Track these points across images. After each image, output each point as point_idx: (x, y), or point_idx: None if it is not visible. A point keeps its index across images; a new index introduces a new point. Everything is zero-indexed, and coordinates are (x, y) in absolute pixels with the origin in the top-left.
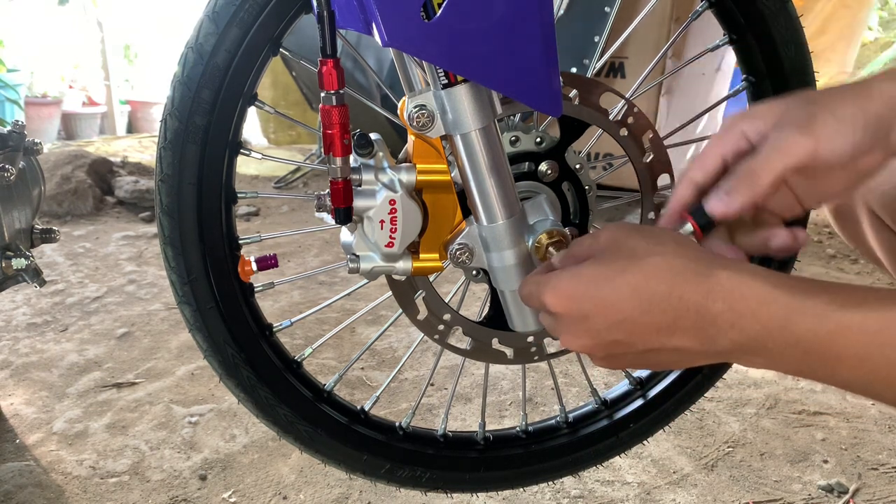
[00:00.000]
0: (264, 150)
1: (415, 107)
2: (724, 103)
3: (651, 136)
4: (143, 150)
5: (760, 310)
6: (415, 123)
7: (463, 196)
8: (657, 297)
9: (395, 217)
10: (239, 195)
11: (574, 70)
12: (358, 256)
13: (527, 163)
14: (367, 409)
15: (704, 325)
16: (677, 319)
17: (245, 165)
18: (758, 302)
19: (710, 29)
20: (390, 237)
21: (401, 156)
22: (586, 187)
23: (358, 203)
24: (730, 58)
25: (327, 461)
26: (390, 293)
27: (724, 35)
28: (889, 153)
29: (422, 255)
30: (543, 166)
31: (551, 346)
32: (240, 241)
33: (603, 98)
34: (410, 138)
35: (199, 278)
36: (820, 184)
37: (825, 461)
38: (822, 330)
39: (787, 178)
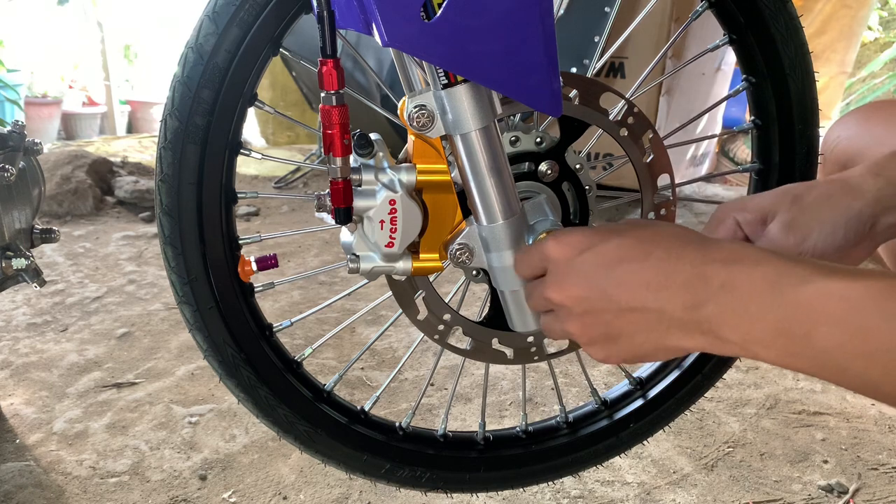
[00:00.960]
0: (264, 151)
1: (415, 107)
2: (724, 103)
3: (651, 136)
4: (143, 150)
5: (752, 268)
6: (415, 123)
7: (463, 196)
8: (657, 252)
9: (395, 217)
10: (239, 195)
11: (574, 70)
12: (358, 256)
13: (527, 163)
14: (367, 409)
15: (695, 282)
16: (671, 274)
17: (245, 165)
18: (751, 262)
19: (710, 29)
20: (390, 237)
21: (401, 156)
22: (586, 187)
23: (358, 203)
24: (730, 58)
25: (327, 461)
26: (390, 293)
27: (724, 35)
28: (876, 244)
29: (422, 255)
30: (543, 166)
31: (551, 346)
32: (240, 241)
33: (603, 98)
34: (410, 138)
35: (199, 278)
36: None
37: (825, 461)
38: (805, 292)
39: None
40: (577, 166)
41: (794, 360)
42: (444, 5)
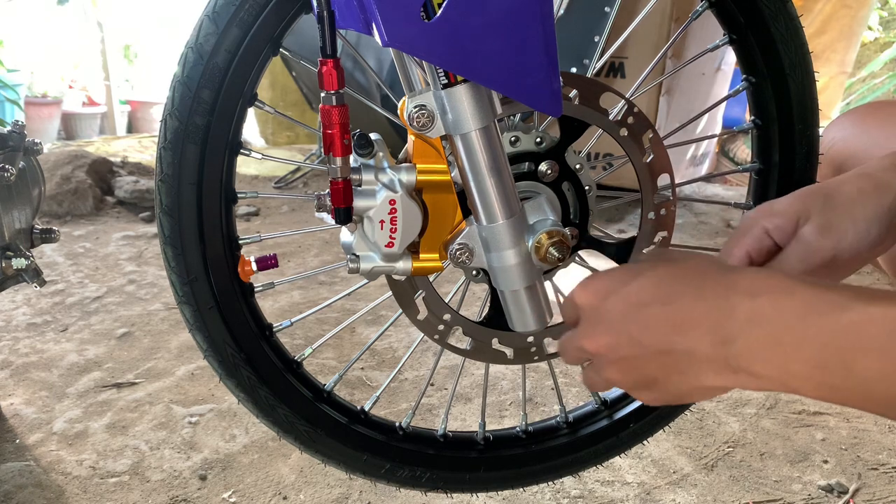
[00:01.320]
0: (264, 151)
1: (415, 107)
2: (724, 103)
3: (651, 136)
4: (143, 150)
5: (780, 300)
6: (415, 123)
7: (463, 196)
8: (679, 291)
9: (395, 217)
10: (239, 195)
11: (574, 70)
12: (358, 256)
13: (527, 163)
14: (367, 409)
15: (722, 319)
16: (695, 313)
17: (245, 165)
18: (778, 292)
19: (710, 29)
20: (390, 237)
21: (401, 156)
22: (586, 187)
23: (358, 203)
24: (730, 58)
25: (327, 461)
26: (390, 293)
27: (724, 35)
28: None
29: (422, 255)
30: (543, 166)
31: (551, 346)
32: (240, 241)
33: (603, 98)
34: (410, 138)
35: (199, 278)
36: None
37: (825, 461)
38: (843, 320)
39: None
40: (577, 166)
41: (835, 393)
42: (444, 5)
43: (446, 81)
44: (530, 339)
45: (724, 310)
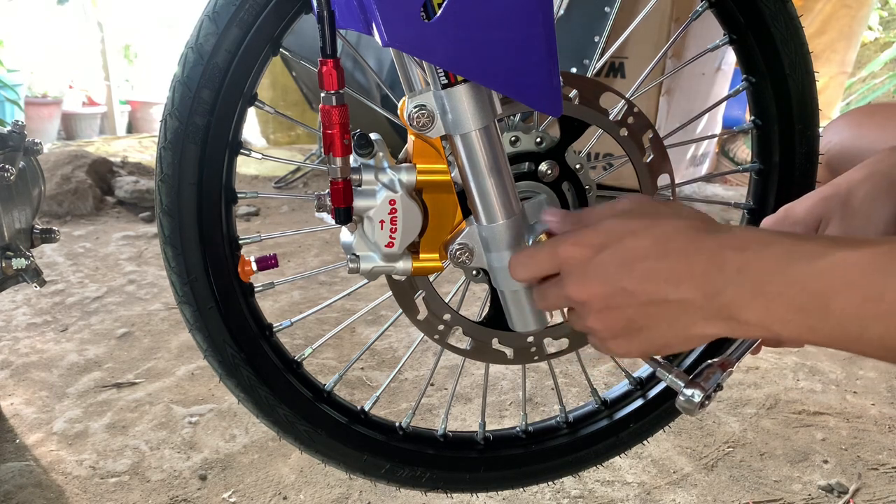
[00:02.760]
0: (264, 151)
1: (415, 107)
2: (724, 103)
3: (651, 136)
4: (143, 150)
5: (764, 250)
6: (415, 123)
7: (463, 196)
8: (675, 247)
9: (395, 217)
10: (239, 195)
11: (574, 70)
12: (358, 256)
13: (527, 163)
14: (367, 409)
15: (713, 270)
16: (689, 266)
17: (245, 165)
18: (762, 244)
19: (710, 29)
20: (390, 237)
21: (401, 156)
22: (586, 187)
23: (358, 203)
24: (730, 58)
25: (327, 461)
26: (390, 293)
27: (724, 35)
28: None
29: (422, 255)
30: (543, 166)
31: (551, 346)
32: (240, 241)
33: (603, 98)
34: (410, 138)
35: (199, 278)
36: None
37: (825, 461)
38: (819, 265)
39: None
40: (577, 166)
41: (814, 334)
42: (444, 5)
43: (446, 81)
44: (530, 339)
45: (716, 264)
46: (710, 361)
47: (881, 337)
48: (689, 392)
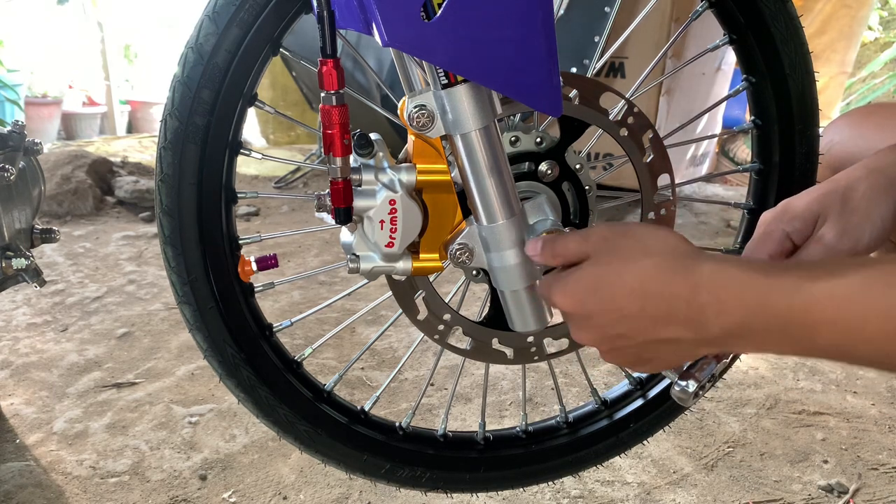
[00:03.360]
0: (264, 151)
1: (415, 107)
2: (724, 103)
3: (651, 136)
4: (143, 150)
5: (741, 294)
6: (415, 123)
7: (463, 196)
8: (651, 296)
9: (395, 217)
10: (239, 195)
11: (574, 70)
12: (358, 256)
13: (527, 163)
14: (367, 409)
15: (694, 315)
16: (671, 312)
17: (245, 165)
18: (737, 287)
19: (710, 29)
20: (390, 237)
21: (401, 156)
22: (586, 187)
23: (358, 203)
24: (730, 58)
25: (327, 461)
26: (390, 293)
27: (724, 35)
28: None
29: (422, 255)
30: (543, 166)
31: (551, 346)
32: (240, 241)
33: (603, 98)
34: (410, 138)
35: (199, 278)
36: None
37: (825, 461)
38: (796, 304)
39: None
40: (577, 166)
41: (807, 355)
42: (443, 5)
43: (446, 81)
44: (530, 339)
45: (695, 308)
46: (704, 353)
47: (871, 355)
48: (683, 382)
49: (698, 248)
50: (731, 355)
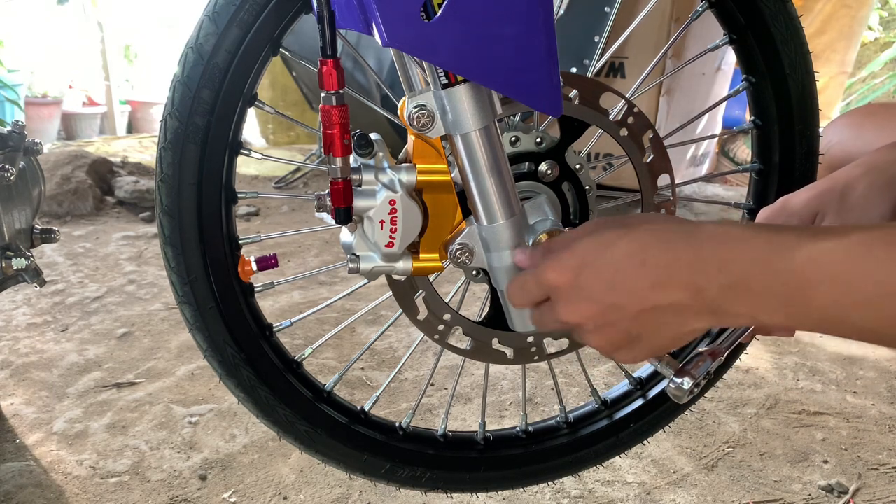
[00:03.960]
0: (264, 151)
1: (415, 107)
2: (724, 103)
3: (651, 136)
4: (143, 150)
5: (742, 248)
6: (415, 123)
7: (463, 196)
8: (652, 256)
9: (395, 217)
10: (239, 195)
11: (574, 70)
12: (358, 256)
13: (527, 163)
14: (367, 409)
15: (694, 272)
16: (671, 273)
17: (245, 165)
18: (739, 245)
19: (710, 29)
20: (390, 237)
21: (401, 156)
22: (586, 187)
23: (358, 203)
24: (730, 58)
25: (327, 461)
26: (390, 293)
27: (724, 35)
28: None
29: (422, 255)
30: (543, 166)
31: (551, 346)
32: (240, 241)
33: (603, 98)
34: (410, 138)
35: (199, 278)
36: None
37: (825, 461)
38: (797, 259)
39: None
40: (577, 166)
41: (799, 322)
42: (444, 5)
43: (446, 81)
44: (530, 339)
45: (696, 264)
46: (700, 350)
47: (860, 323)
48: (678, 380)
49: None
50: (726, 353)
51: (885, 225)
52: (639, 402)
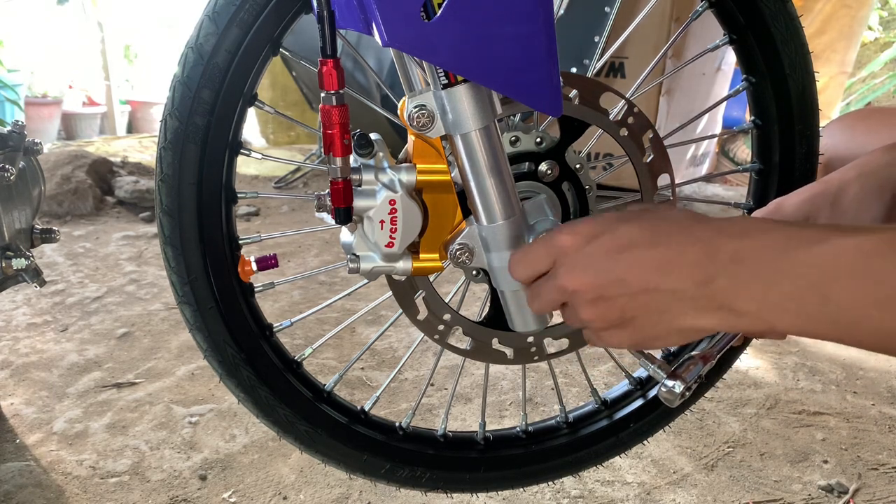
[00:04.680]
0: (264, 151)
1: (415, 107)
2: (724, 103)
3: (651, 136)
4: (143, 150)
5: (760, 239)
6: (415, 123)
7: (463, 196)
8: (667, 233)
9: (395, 217)
10: (239, 195)
11: (574, 70)
12: (358, 256)
13: (527, 163)
14: (367, 409)
15: (705, 258)
16: (682, 253)
17: (245, 165)
18: (759, 231)
19: (710, 29)
20: (390, 237)
21: (401, 156)
22: (586, 187)
23: (358, 203)
24: (730, 58)
25: (327, 461)
26: (390, 293)
27: (724, 35)
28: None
29: (422, 255)
30: (543, 166)
31: (551, 346)
32: (240, 241)
33: (603, 98)
34: (410, 138)
35: (199, 278)
36: None
37: (825, 461)
38: (818, 251)
39: None
40: (577, 166)
41: (810, 323)
42: (444, 5)
43: (446, 81)
44: (530, 339)
45: (709, 252)
46: (691, 354)
47: (878, 325)
48: (670, 383)
49: None
50: (717, 356)
51: None
52: (639, 402)
